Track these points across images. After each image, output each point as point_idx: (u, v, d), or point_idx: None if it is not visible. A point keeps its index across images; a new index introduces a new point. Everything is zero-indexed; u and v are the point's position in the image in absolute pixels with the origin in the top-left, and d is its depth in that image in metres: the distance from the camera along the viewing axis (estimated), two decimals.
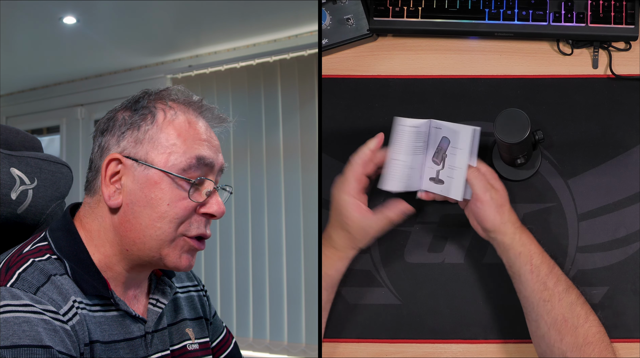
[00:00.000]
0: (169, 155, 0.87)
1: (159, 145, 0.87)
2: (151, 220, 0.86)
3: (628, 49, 1.29)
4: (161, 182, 0.87)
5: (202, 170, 0.89)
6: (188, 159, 0.87)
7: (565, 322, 1.08)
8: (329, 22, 1.32)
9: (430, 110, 1.29)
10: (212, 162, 0.90)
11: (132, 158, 0.87)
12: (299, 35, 3.01)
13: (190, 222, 0.88)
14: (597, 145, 1.26)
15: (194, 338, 1.01)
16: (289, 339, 2.95)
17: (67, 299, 0.82)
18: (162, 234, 0.87)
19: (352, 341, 1.24)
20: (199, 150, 0.89)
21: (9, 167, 0.98)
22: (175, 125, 0.89)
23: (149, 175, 0.87)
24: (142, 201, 0.87)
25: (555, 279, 1.10)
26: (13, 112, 4.00)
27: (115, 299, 0.87)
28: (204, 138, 0.90)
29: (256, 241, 3.08)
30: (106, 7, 2.67)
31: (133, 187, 0.87)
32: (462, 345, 1.22)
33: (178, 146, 0.88)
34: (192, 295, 1.06)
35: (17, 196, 0.98)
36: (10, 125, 1.09)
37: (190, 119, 0.90)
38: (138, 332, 0.90)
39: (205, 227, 0.90)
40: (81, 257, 0.87)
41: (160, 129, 0.88)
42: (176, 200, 0.87)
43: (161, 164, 0.87)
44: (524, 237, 1.12)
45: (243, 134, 3.14)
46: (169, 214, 0.87)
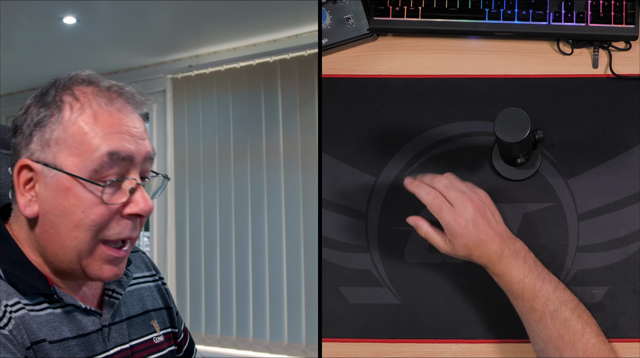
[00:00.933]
0: (78, 156, 0.79)
1: (67, 147, 0.79)
2: (67, 229, 0.79)
3: (628, 48, 1.29)
4: (73, 188, 0.78)
5: (120, 166, 0.80)
6: (98, 157, 0.78)
7: (561, 338, 1.07)
8: (329, 22, 1.32)
9: (430, 110, 1.29)
10: (129, 155, 0.80)
11: (42, 162, 0.79)
12: (299, 35, 3.01)
13: (112, 226, 0.80)
14: (597, 145, 1.26)
15: (159, 330, 0.96)
16: (289, 339, 2.95)
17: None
18: (79, 244, 0.80)
19: (352, 341, 1.24)
20: (110, 144, 0.79)
21: (7, 166, 0.98)
22: (83, 119, 0.79)
23: (60, 181, 0.79)
24: (56, 209, 0.79)
25: (544, 300, 1.08)
26: (13, 112, 3.98)
27: (58, 294, 0.82)
28: (118, 129, 0.80)
29: (256, 241, 3.08)
30: (106, 7, 2.67)
31: (46, 195, 0.80)
32: (462, 345, 1.22)
33: (86, 144, 0.78)
34: (151, 286, 1.00)
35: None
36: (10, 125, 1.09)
37: (100, 110, 0.80)
38: (92, 326, 0.85)
39: (130, 230, 0.82)
40: (15, 258, 0.82)
41: (66, 127, 0.79)
42: (91, 205, 0.78)
43: (70, 168, 0.78)
44: (498, 269, 1.09)
45: (243, 134, 3.14)
46: (84, 222, 0.79)
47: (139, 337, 0.92)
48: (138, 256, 1.03)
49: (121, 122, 0.81)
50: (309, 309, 2.90)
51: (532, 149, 1.19)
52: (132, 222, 0.82)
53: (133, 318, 0.93)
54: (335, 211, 1.27)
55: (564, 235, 1.23)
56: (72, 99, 0.81)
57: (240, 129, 3.16)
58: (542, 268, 1.10)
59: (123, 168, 0.80)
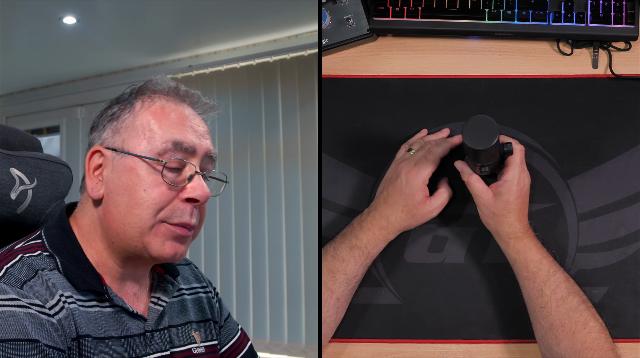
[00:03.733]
0: (144, 140, 0.86)
1: (135, 132, 0.87)
2: (129, 207, 0.85)
3: (628, 49, 1.29)
4: (137, 168, 0.85)
5: (182, 155, 0.87)
6: (164, 142, 0.86)
7: (562, 327, 1.09)
8: (329, 22, 1.32)
9: (430, 110, 1.29)
10: (191, 147, 0.88)
11: (111, 148, 0.87)
12: (299, 35, 3.01)
13: (171, 209, 0.86)
14: (597, 145, 1.26)
15: (200, 341, 0.99)
16: (289, 339, 2.95)
17: (53, 293, 0.81)
18: (140, 221, 0.85)
19: (352, 341, 1.24)
20: (176, 134, 0.87)
21: (8, 167, 0.98)
22: (152, 110, 0.88)
23: (126, 162, 0.86)
24: (120, 189, 0.86)
25: (554, 286, 1.10)
26: (13, 112, 4.00)
27: (109, 294, 0.86)
28: (182, 122, 0.88)
29: (256, 241, 3.08)
30: (106, 7, 2.67)
31: (112, 176, 0.87)
32: (462, 345, 1.22)
33: (154, 131, 0.87)
34: (200, 297, 1.04)
35: (17, 196, 0.98)
36: (10, 125, 1.09)
37: (168, 104, 0.89)
38: (136, 330, 0.88)
39: (189, 216, 0.87)
40: (73, 253, 0.87)
41: (137, 116, 0.88)
42: (152, 185, 0.85)
43: (137, 151, 0.86)
44: (520, 245, 1.12)
45: (243, 134, 3.14)
46: (145, 200, 0.85)
47: (180, 346, 0.95)
48: (188, 269, 1.06)
49: (186, 118, 0.89)
50: (309, 309, 2.90)
51: (498, 160, 1.16)
52: (190, 208, 0.87)
53: (174, 327, 0.95)
54: (335, 211, 1.27)
55: (563, 235, 1.23)
56: (144, 96, 0.90)
57: (240, 129, 3.16)
58: (553, 259, 1.14)
59: (184, 158, 0.87)
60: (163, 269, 0.97)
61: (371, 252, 1.18)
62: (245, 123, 3.14)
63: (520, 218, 1.14)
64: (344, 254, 1.16)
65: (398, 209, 1.17)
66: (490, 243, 1.24)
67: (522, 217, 1.14)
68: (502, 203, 1.12)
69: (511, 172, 1.12)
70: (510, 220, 1.13)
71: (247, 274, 3.10)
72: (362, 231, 1.17)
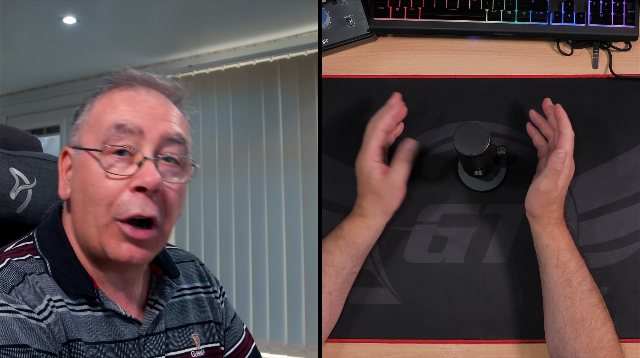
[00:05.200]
0: (93, 133, 0.82)
1: (88, 126, 0.84)
2: (84, 204, 0.81)
3: (628, 49, 1.29)
4: (87, 162, 0.81)
5: (130, 139, 0.80)
6: (107, 129, 0.81)
7: (582, 321, 1.09)
8: (329, 22, 1.32)
9: (430, 110, 1.29)
10: (138, 128, 0.81)
11: (73, 147, 0.85)
12: (299, 35, 3.01)
13: (121, 202, 0.80)
14: (597, 145, 1.26)
15: (199, 344, 0.94)
16: (289, 339, 2.95)
17: (41, 298, 0.79)
18: (95, 219, 0.80)
19: (352, 341, 1.23)
20: (119, 116, 0.81)
21: (8, 166, 0.98)
22: (102, 101, 0.85)
23: (80, 158, 0.83)
24: (77, 187, 0.83)
25: (581, 278, 1.11)
26: (13, 112, 4.00)
27: (100, 298, 0.83)
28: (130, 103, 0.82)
29: (256, 241, 3.08)
30: (106, 7, 2.67)
31: (73, 175, 0.84)
32: (462, 345, 1.22)
33: (101, 121, 0.82)
34: (201, 297, 0.99)
35: (17, 196, 0.98)
36: (10, 125, 1.09)
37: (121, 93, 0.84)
38: (129, 334, 0.85)
39: (140, 207, 0.80)
40: (65, 256, 0.84)
41: (91, 110, 0.85)
42: (99, 178, 0.80)
43: (88, 144, 0.82)
44: (556, 231, 1.12)
45: (243, 134, 3.14)
46: (94, 195, 0.80)
47: (176, 350, 0.91)
48: (192, 266, 1.02)
49: (138, 102, 0.83)
50: (309, 309, 2.90)
51: (493, 163, 1.18)
52: (141, 198, 0.80)
53: (172, 330, 0.92)
54: (335, 211, 1.27)
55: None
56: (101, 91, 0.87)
57: (240, 129, 3.16)
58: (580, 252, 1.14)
59: (133, 142, 0.81)
60: (162, 270, 0.93)
61: (356, 242, 1.16)
62: (245, 123, 3.14)
63: (560, 207, 1.13)
64: (330, 246, 1.17)
65: (365, 193, 1.17)
66: (490, 243, 1.24)
67: (561, 206, 1.13)
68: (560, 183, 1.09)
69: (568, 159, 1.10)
70: (557, 205, 1.12)
71: (247, 274, 3.10)
72: (345, 221, 1.18)
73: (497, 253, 1.24)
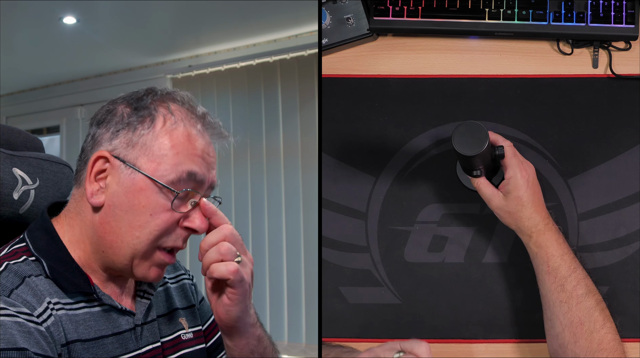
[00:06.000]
0: (159, 164, 0.85)
1: (151, 153, 0.85)
2: (131, 227, 0.84)
3: (628, 48, 1.29)
4: (147, 190, 0.84)
5: (191, 186, 0.86)
6: (179, 172, 0.85)
7: (581, 325, 1.08)
8: (329, 21, 1.32)
9: (430, 110, 1.29)
10: (202, 179, 0.87)
11: (121, 159, 0.85)
12: (299, 35, 3.01)
13: (169, 235, 0.87)
14: (597, 145, 1.26)
15: (188, 327, 0.99)
16: (289, 339, 2.95)
17: (41, 301, 0.81)
18: (139, 244, 0.85)
19: (352, 341, 1.24)
20: (191, 165, 0.86)
21: (11, 167, 0.98)
22: (173, 135, 0.86)
23: (135, 180, 0.84)
24: (124, 205, 0.84)
25: (575, 282, 1.10)
26: (13, 112, 4.00)
27: (97, 294, 0.86)
28: (200, 154, 0.87)
29: (256, 241, 3.08)
30: (106, 7, 2.67)
31: (117, 189, 0.85)
32: (462, 345, 1.22)
33: (170, 157, 0.85)
34: (184, 283, 1.05)
35: (19, 196, 0.98)
36: (11, 125, 1.09)
37: (190, 131, 0.87)
38: (127, 325, 0.89)
39: (183, 241, 0.88)
40: (59, 255, 0.86)
41: (156, 136, 0.85)
42: (159, 211, 0.84)
43: (149, 172, 0.84)
44: (542, 239, 1.11)
45: (243, 134, 3.14)
46: (150, 225, 0.84)
47: (169, 334, 0.96)
48: None
49: (204, 149, 0.88)
50: (309, 309, 2.90)
51: (491, 163, 1.17)
52: (186, 234, 0.88)
53: (161, 317, 0.96)
54: (335, 211, 1.27)
55: (564, 235, 1.23)
56: (167, 112, 0.87)
57: (240, 129, 3.16)
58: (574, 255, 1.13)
59: (192, 188, 0.87)
60: None
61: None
62: (245, 123, 3.14)
63: (538, 208, 1.12)
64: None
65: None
66: (490, 243, 1.24)
67: (539, 208, 1.13)
68: (514, 200, 1.11)
69: (511, 169, 1.12)
70: (527, 214, 1.12)
71: None
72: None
73: (497, 253, 1.24)
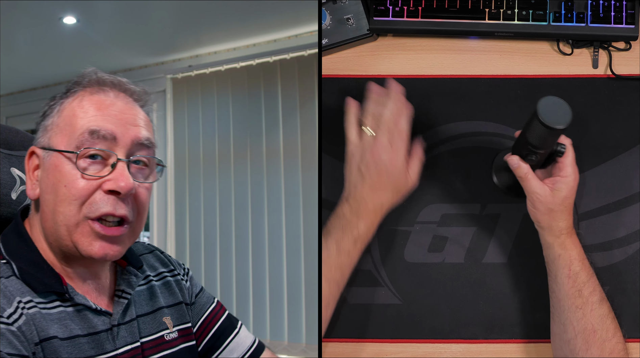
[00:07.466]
0: (66, 136, 0.85)
1: (59, 129, 0.86)
2: (55, 204, 0.84)
3: (628, 49, 1.29)
4: (60, 164, 0.84)
5: (104, 145, 0.84)
6: (80, 134, 0.84)
7: (594, 332, 1.08)
8: (329, 22, 1.32)
9: (430, 110, 1.29)
10: (111, 134, 0.84)
11: (42, 147, 0.87)
12: (299, 35, 3.01)
13: (94, 201, 0.83)
14: (597, 145, 1.26)
15: (172, 326, 0.98)
16: (289, 339, 2.95)
17: (11, 301, 0.80)
18: (65, 218, 0.83)
19: (352, 341, 1.24)
20: (93, 123, 0.84)
21: (9, 167, 0.98)
22: (73, 105, 0.87)
23: (52, 159, 0.85)
24: (48, 188, 0.85)
25: (592, 289, 1.10)
26: (13, 112, 4.00)
27: (70, 293, 0.85)
28: (103, 109, 0.86)
29: (256, 241, 3.08)
30: (106, 7, 2.67)
31: (43, 175, 0.86)
32: (462, 345, 1.22)
33: (73, 125, 0.85)
34: (168, 281, 1.02)
35: (18, 196, 0.98)
36: (10, 125, 1.09)
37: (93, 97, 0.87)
38: (102, 326, 0.87)
39: (111, 206, 0.83)
40: (30, 257, 0.86)
41: (61, 112, 0.87)
42: (72, 179, 0.83)
43: (60, 146, 0.85)
44: (568, 241, 1.11)
45: (243, 134, 3.14)
46: (66, 196, 0.83)
47: (149, 335, 0.94)
48: (152, 256, 1.05)
49: (108, 106, 0.86)
50: (309, 309, 2.90)
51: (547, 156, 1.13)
52: (113, 199, 0.84)
53: (142, 316, 0.94)
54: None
55: None
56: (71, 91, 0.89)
57: (240, 129, 3.16)
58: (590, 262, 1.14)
59: (106, 147, 0.84)
60: (126, 261, 0.96)
61: (370, 239, 1.16)
62: (245, 123, 3.14)
63: (572, 213, 1.13)
64: (349, 247, 1.14)
65: (388, 191, 1.14)
66: (490, 243, 1.24)
67: (571, 213, 1.13)
68: (560, 199, 1.10)
69: (568, 168, 1.11)
70: (566, 215, 1.11)
71: (247, 274, 3.10)
72: (360, 220, 1.14)
73: (497, 253, 1.24)
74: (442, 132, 1.28)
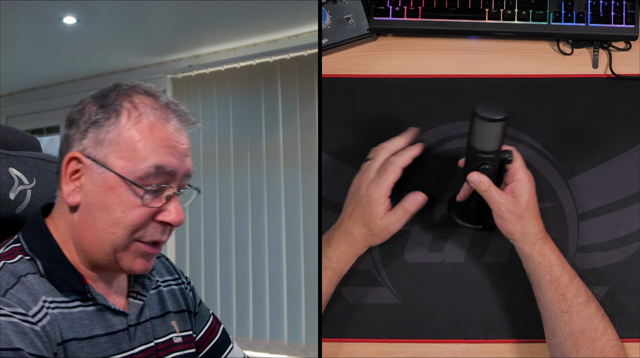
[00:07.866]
0: (127, 161, 0.85)
1: (119, 149, 0.85)
2: (106, 224, 0.85)
3: (628, 48, 1.29)
4: (117, 187, 0.85)
5: (162, 178, 0.86)
6: (146, 167, 0.85)
7: (582, 334, 1.08)
8: (329, 21, 1.32)
9: (431, 110, 1.29)
10: (173, 170, 0.87)
11: (92, 158, 0.85)
12: (299, 35, 3.01)
13: (146, 228, 0.87)
14: (597, 145, 1.26)
15: (179, 331, 1.00)
16: (289, 339, 2.95)
17: (37, 300, 0.82)
18: (116, 240, 0.86)
19: (352, 341, 1.23)
20: (159, 158, 0.85)
21: (7, 167, 0.98)
22: (138, 129, 0.85)
23: (106, 178, 0.85)
24: (98, 204, 0.85)
25: (575, 291, 1.10)
26: (13, 112, 4.00)
27: (92, 293, 0.87)
28: (167, 144, 0.86)
29: (256, 241, 3.08)
30: (106, 7, 2.67)
31: (91, 189, 0.86)
32: (462, 345, 1.22)
33: (137, 152, 0.85)
34: (173, 289, 1.05)
35: (16, 196, 0.98)
36: (10, 125, 1.09)
37: (155, 122, 0.86)
38: (120, 326, 0.90)
39: (161, 234, 0.88)
40: (54, 255, 0.87)
41: (121, 132, 0.85)
42: (131, 207, 0.85)
43: (119, 169, 0.84)
44: (545, 247, 1.11)
45: (243, 134, 3.14)
46: (123, 221, 0.85)
47: (162, 336, 0.97)
48: (159, 262, 1.07)
49: (171, 138, 0.87)
50: (309, 309, 2.90)
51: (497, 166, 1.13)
52: (163, 228, 0.88)
53: (154, 319, 0.97)
54: (335, 211, 1.26)
55: (564, 235, 1.23)
56: (131, 106, 0.86)
57: (240, 129, 3.16)
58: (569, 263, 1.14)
59: (164, 181, 0.87)
60: None
61: (343, 270, 1.16)
62: (245, 123, 3.14)
63: (539, 217, 1.12)
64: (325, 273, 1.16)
65: (359, 223, 1.14)
66: (490, 243, 1.24)
67: (539, 217, 1.12)
68: (524, 203, 1.10)
69: (520, 172, 1.11)
70: (534, 220, 1.11)
71: (247, 274, 3.10)
72: (330, 249, 1.15)
73: (497, 253, 1.24)
74: (442, 132, 1.28)
